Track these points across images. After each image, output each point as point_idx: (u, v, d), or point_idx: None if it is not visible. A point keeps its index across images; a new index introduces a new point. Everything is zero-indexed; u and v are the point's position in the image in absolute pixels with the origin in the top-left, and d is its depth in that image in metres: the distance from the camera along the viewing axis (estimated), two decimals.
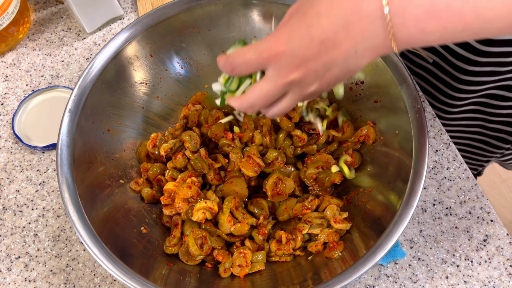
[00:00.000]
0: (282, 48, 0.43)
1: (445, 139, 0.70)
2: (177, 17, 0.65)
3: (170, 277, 0.56)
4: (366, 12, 0.40)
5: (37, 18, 0.86)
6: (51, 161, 0.72)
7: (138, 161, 0.67)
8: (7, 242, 0.67)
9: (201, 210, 0.59)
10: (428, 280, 0.62)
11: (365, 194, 0.61)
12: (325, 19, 0.41)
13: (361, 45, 0.41)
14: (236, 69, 0.46)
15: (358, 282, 0.62)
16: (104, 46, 0.63)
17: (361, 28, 0.40)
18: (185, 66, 0.70)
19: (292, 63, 0.43)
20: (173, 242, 0.60)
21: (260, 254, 0.60)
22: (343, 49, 0.41)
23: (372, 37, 0.41)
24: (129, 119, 0.67)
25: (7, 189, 0.70)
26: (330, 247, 0.58)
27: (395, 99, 0.59)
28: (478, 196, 0.66)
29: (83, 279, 0.64)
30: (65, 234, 0.67)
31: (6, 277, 0.64)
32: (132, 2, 0.86)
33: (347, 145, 0.65)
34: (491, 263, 0.62)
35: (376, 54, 0.43)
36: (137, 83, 0.67)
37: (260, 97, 0.46)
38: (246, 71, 0.46)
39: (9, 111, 0.76)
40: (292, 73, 0.43)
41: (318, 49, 0.42)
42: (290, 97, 0.46)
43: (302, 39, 0.42)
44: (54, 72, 0.79)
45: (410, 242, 0.64)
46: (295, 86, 0.45)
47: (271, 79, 0.45)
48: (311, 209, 0.61)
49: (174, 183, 0.62)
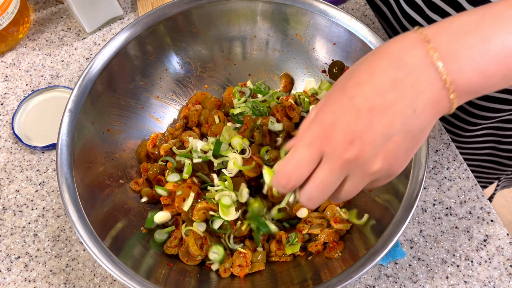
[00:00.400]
0: (330, 130, 0.38)
1: (445, 139, 0.70)
2: (177, 17, 0.65)
3: (170, 277, 0.56)
4: (413, 65, 0.36)
5: (37, 18, 0.85)
6: (51, 161, 0.72)
7: (138, 161, 0.67)
8: (7, 242, 0.67)
9: (201, 210, 0.59)
10: (428, 280, 0.62)
11: (365, 194, 0.61)
12: (368, 85, 0.37)
13: (417, 101, 0.36)
14: (291, 178, 0.40)
15: (358, 282, 0.62)
16: (104, 46, 0.63)
17: (412, 83, 0.36)
18: (185, 66, 0.70)
19: (345, 141, 0.37)
20: (174, 243, 0.60)
21: (260, 254, 0.60)
22: (398, 111, 0.36)
23: (427, 90, 0.36)
24: (129, 119, 0.67)
25: (7, 189, 0.70)
26: (330, 247, 0.58)
27: None
28: (478, 196, 0.66)
29: (83, 279, 0.64)
30: (65, 234, 0.67)
31: (6, 277, 0.64)
32: (132, 2, 0.86)
33: None
34: (491, 263, 0.62)
35: (437, 109, 0.37)
36: (137, 83, 0.67)
37: (316, 188, 0.40)
38: (304, 173, 0.40)
39: (9, 111, 0.76)
40: (346, 151, 0.38)
41: (369, 118, 0.37)
42: (351, 179, 0.40)
43: (348, 114, 0.37)
44: (54, 72, 0.79)
45: (410, 242, 0.64)
46: (354, 165, 0.38)
47: (325, 164, 0.39)
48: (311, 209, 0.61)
49: (174, 183, 0.62)
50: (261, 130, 0.65)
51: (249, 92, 0.69)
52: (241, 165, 0.60)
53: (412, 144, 0.39)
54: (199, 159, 0.61)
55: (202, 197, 0.60)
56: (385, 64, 0.37)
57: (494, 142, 0.79)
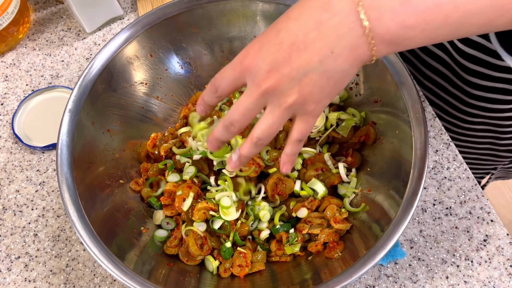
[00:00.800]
0: (251, 57, 0.41)
1: (445, 139, 0.70)
2: (177, 17, 0.65)
3: (170, 277, 0.56)
4: (338, 9, 0.38)
5: (37, 18, 0.85)
6: (51, 161, 0.72)
7: (138, 161, 0.67)
8: (7, 242, 0.67)
9: (201, 210, 0.59)
10: (428, 280, 0.62)
11: (365, 194, 0.61)
12: (294, 21, 0.40)
13: (336, 43, 0.39)
14: (218, 89, 0.45)
15: (358, 282, 0.62)
16: (104, 46, 0.63)
17: (334, 25, 0.38)
18: (185, 66, 0.70)
19: (264, 70, 0.41)
20: (174, 243, 0.60)
21: (260, 254, 0.60)
22: (316, 49, 0.39)
23: (347, 34, 0.38)
24: (129, 119, 0.67)
25: (7, 189, 0.70)
26: (330, 247, 0.58)
27: (395, 99, 0.59)
28: (478, 196, 0.66)
29: (83, 279, 0.64)
30: (65, 234, 0.67)
31: (6, 277, 0.64)
32: (132, 2, 0.86)
33: (347, 146, 0.65)
34: (491, 263, 0.62)
35: (356, 55, 0.40)
36: (137, 83, 0.67)
37: (239, 112, 0.43)
38: (227, 89, 0.45)
39: (9, 111, 0.76)
40: (265, 80, 0.41)
41: (289, 52, 0.40)
42: (269, 110, 0.43)
43: (271, 44, 0.40)
44: (54, 72, 0.79)
45: (410, 242, 0.64)
46: (272, 96, 0.41)
47: (247, 92, 0.43)
48: (311, 209, 0.61)
49: (174, 183, 0.62)
50: None
51: None
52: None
53: (328, 85, 0.41)
54: (199, 155, 0.61)
55: (202, 197, 0.61)
56: (314, 5, 0.39)
57: (493, 138, 0.79)
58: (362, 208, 0.60)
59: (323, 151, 0.66)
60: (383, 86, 0.62)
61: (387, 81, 0.60)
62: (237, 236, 0.60)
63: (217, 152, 0.60)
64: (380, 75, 0.61)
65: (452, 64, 0.70)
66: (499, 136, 0.78)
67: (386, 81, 0.60)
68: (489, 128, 0.77)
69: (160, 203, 0.63)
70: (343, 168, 0.63)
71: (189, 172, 0.61)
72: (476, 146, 0.83)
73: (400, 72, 0.59)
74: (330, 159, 0.63)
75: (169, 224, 0.62)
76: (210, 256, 0.59)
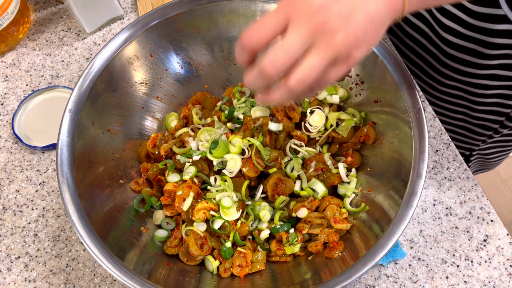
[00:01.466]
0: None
1: (445, 139, 0.70)
2: (177, 17, 0.65)
3: (170, 277, 0.56)
4: None
5: (37, 18, 0.86)
6: (51, 161, 0.72)
7: (138, 161, 0.67)
8: (7, 242, 0.67)
9: (201, 210, 0.59)
10: (428, 280, 0.62)
11: (364, 194, 0.61)
12: None
13: None
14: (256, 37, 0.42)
15: (358, 282, 0.62)
16: (104, 46, 0.63)
17: None
18: (185, 66, 0.70)
19: (312, 7, 0.40)
20: (174, 243, 0.60)
21: (260, 254, 0.60)
22: None
23: None
24: (129, 119, 0.67)
25: (7, 189, 0.70)
26: (330, 247, 0.58)
27: (395, 99, 0.59)
28: (478, 196, 0.66)
29: (83, 279, 0.64)
30: (65, 234, 0.67)
31: (6, 277, 0.64)
32: (132, 2, 0.86)
33: (347, 146, 0.65)
34: (491, 263, 0.62)
35: (392, 5, 0.42)
36: (137, 83, 0.67)
37: (282, 51, 0.41)
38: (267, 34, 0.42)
39: (9, 111, 0.76)
40: (314, 17, 0.40)
41: None
42: (315, 51, 0.41)
43: None
44: (54, 72, 0.79)
45: (410, 242, 0.64)
46: (320, 34, 0.41)
47: (292, 30, 0.41)
48: (311, 209, 0.61)
49: (174, 183, 0.62)
50: (261, 131, 0.65)
51: (249, 92, 0.69)
52: (240, 166, 0.60)
53: (370, 29, 0.42)
54: (198, 155, 0.61)
55: (202, 197, 0.61)
56: None
57: (466, 108, 0.81)
58: (362, 208, 0.60)
59: (323, 151, 0.66)
60: (383, 86, 0.62)
61: (387, 81, 0.60)
62: (237, 236, 0.60)
63: (217, 152, 0.60)
64: (380, 75, 0.61)
65: (430, 18, 0.71)
66: (471, 107, 0.79)
67: (386, 81, 0.60)
68: (462, 95, 0.78)
69: (160, 203, 0.63)
70: (343, 168, 0.63)
71: (189, 172, 0.61)
72: (452, 115, 0.84)
73: (400, 72, 0.59)
74: (330, 159, 0.64)
75: (169, 224, 0.62)
76: (210, 256, 0.60)
